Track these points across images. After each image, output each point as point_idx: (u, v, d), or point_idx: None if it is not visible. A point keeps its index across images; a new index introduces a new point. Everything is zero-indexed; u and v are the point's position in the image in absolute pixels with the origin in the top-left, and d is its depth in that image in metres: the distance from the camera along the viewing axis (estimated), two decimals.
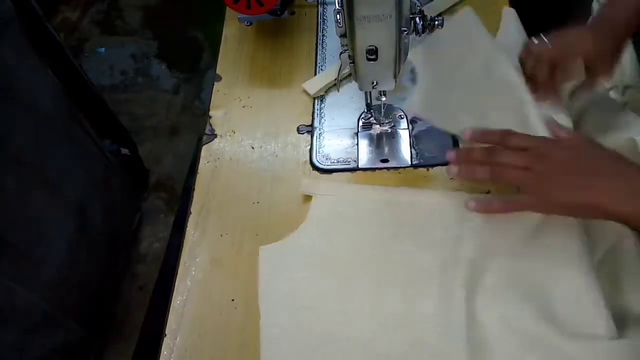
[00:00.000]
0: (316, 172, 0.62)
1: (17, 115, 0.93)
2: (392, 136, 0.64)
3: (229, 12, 0.77)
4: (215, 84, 0.71)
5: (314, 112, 0.67)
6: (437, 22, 0.52)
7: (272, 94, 0.70)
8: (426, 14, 0.51)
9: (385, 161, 0.62)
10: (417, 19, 0.51)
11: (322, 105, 0.68)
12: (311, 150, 0.64)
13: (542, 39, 0.60)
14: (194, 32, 1.93)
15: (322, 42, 0.74)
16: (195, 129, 1.67)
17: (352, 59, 0.53)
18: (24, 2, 0.96)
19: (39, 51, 1.01)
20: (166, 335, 0.52)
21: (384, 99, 0.60)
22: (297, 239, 0.56)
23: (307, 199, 0.59)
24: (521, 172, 0.50)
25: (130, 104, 1.76)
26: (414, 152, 0.62)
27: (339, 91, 0.61)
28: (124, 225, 1.41)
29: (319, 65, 0.72)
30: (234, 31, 0.77)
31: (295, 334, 0.50)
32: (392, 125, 0.65)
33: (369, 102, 0.63)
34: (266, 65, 0.73)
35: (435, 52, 0.63)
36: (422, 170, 0.61)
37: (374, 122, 0.65)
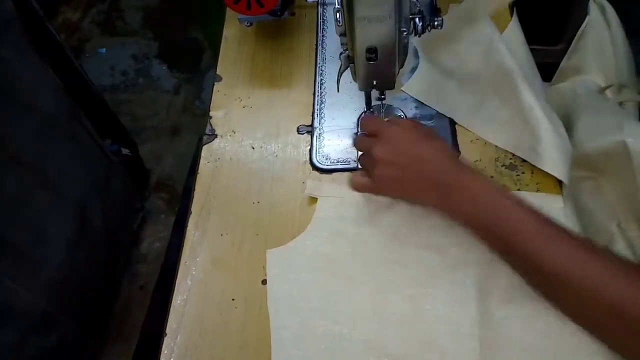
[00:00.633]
0: (316, 172, 0.62)
1: (17, 115, 0.94)
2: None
3: (229, 12, 0.77)
4: (215, 84, 0.71)
5: (314, 112, 0.67)
6: (436, 22, 0.52)
7: (273, 94, 0.70)
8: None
9: None
10: (417, 19, 0.51)
11: (322, 105, 0.68)
12: (311, 150, 0.64)
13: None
14: (195, 33, 1.93)
15: (322, 42, 0.75)
16: (195, 129, 1.67)
17: (352, 59, 0.53)
18: (24, 3, 0.96)
19: (39, 51, 1.01)
20: (166, 334, 0.52)
21: (384, 99, 0.60)
22: (302, 241, 0.56)
23: (309, 200, 0.60)
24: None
25: (130, 104, 1.76)
26: None
27: (338, 91, 0.61)
28: (125, 225, 1.41)
29: (319, 65, 0.72)
30: (234, 32, 0.77)
31: (304, 337, 0.50)
32: None
33: (369, 102, 0.63)
34: (266, 65, 0.73)
35: (438, 37, 0.64)
36: None
37: None
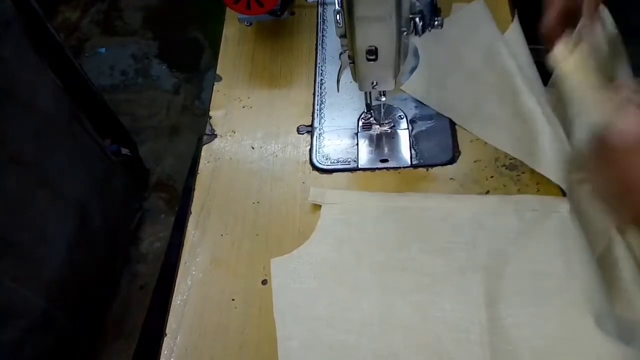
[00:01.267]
0: (316, 172, 0.62)
1: (17, 115, 0.94)
2: (392, 136, 0.64)
3: (229, 12, 0.77)
4: (215, 84, 0.71)
5: (314, 112, 0.67)
6: (436, 22, 0.52)
7: (272, 94, 0.70)
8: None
9: (385, 161, 0.62)
10: (417, 19, 0.51)
11: (322, 105, 0.68)
12: (311, 150, 0.64)
13: None
14: (194, 33, 1.93)
15: (322, 42, 0.75)
16: (195, 129, 1.67)
17: (352, 59, 0.53)
18: (24, 3, 0.96)
19: (39, 51, 1.01)
20: (166, 334, 0.52)
21: (383, 99, 0.60)
22: (307, 249, 0.56)
23: (310, 203, 0.60)
24: None
25: (130, 104, 1.76)
26: (413, 152, 0.63)
27: (338, 91, 0.62)
28: (125, 225, 1.41)
29: (319, 65, 0.72)
30: (234, 31, 0.77)
31: (311, 346, 0.50)
32: (392, 125, 0.65)
33: (369, 102, 0.63)
34: (266, 65, 0.73)
35: (440, 37, 0.64)
36: (422, 170, 0.61)
37: (374, 122, 0.65)
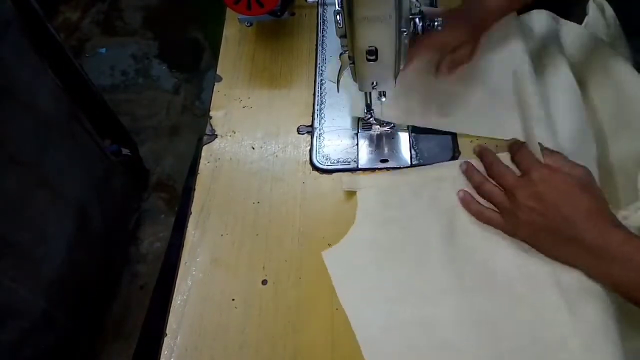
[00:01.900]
0: (316, 173, 0.62)
1: (17, 115, 0.94)
2: (392, 136, 0.64)
3: (229, 12, 0.77)
4: (215, 84, 0.71)
5: (314, 113, 0.67)
6: (436, 23, 0.52)
7: (273, 94, 0.70)
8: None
9: (385, 161, 0.62)
10: (417, 20, 0.51)
11: (322, 105, 0.68)
12: (311, 150, 0.64)
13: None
14: (195, 33, 1.93)
15: (322, 42, 0.75)
16: (195, 129, 1.67)
17: (352, 60, 0.53)
18: (24, 3, 0.96)
19: (39, 51, 1.01)
20: (167, 334, 0.52)
21: (383, 99, 0.60)
22: (355, 235, 0.56)
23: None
24: (494, 214, 0.54)
25: (130, 104, 1.76)
26: (413, 152, 0.63)
27: (338, 92, 0.62)
28: (124, 225, 1.41)
29: (319, 65, 0.72)
30: (234, 32, 0.77)
31: (391, 327, 0.50)
32: (392, 125, 0.65)
33: (369, 102, 0.63)
34: (266, 65, 0.73)
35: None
36: None
37: (374, 122, 0.65)
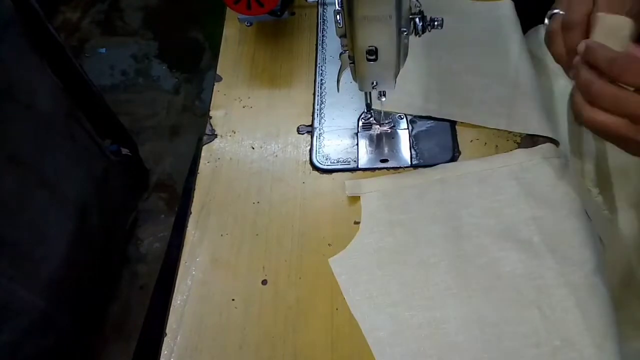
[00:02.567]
0: (316, 173, 0.62)
1: (16, 115, 0.94)
2: (392, 136, 0.64)
3: (229, 12, 0.77)
4: (215, 84, 0.71)
5: (314, 113, 0.67)
6: (436, 23, 0.52)
7: (272, 94, 0.70)
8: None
9: (385, 161, 0.62)
10: (417, 19, 0.51)
11: (322, 105, 0.68)
12: (311, 150, 0.64)
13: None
14: (194, 33, 1.93)
15: (322, 42, 0.75)
16: (195, 129, 1.67)
17: (352, 60, 0.53)
18: (24, 3, 0.96)
19: (39, 51, 1.01)
20: (166, 334, 0.52)
21: (383, 99, 0.60)
22: (360, 240, 0.56)
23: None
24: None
25: (130, 104, 1.76)
26: (413, 152, 0.63)
27: (338, 91, 0.62)
28: (124, 225, 1.41)
29: (319, 65, 0.72)
30: (234, 32, 0.77)
31: (400, 331, 0.50)
32: (392, 125, 0.65)
33: (369, 102, 0.63)
34: (266, 65, 0.73)
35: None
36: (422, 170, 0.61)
37: (374, 122, 0.65)
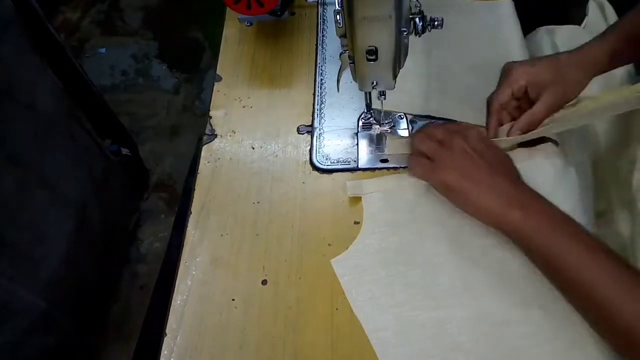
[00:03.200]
0: (316, 172, 0.62)
1: (17, 115, 0.94)
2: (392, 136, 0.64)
3: (229, 12, 0.77)
4: (215, 84, 0.71)
5: (314, 112, 0.67)
6: (436, 23, 0.52)
7: (272, 94, 0.70)
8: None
9: (385, 161, 0.62)
10: (417, 20, 0.51)
11: (322, 105, 0.68)
12: (311, 150, 0.64)
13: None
14: (195, 33, 1.93)
15: (322, 42, 0.75)
16: (195, 129, 1.67)
17: (352, 60, 0.53)
18: (24, 2, 0.96)
19: (39, 51, 1.01)
20: (166, 334, 0.52)
21: (383, 99, 0.60)
22: (363, 241, 0.56)
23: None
24: (436, 144, 0.56)
25: (130, 104, 1.76)
26: None
27: (338, 91, 0.62)
28: (124, 225, 1.41)
29: (319, 65, 0.72)
30: (234, 32, 0.77)
31: (404, 331, 0.50)
32: (392, 125, 0.65)
33: (369, 102, 0.63)
34: (266, 65, 0.73)
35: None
36: None
37: (374, 122, 0.65)
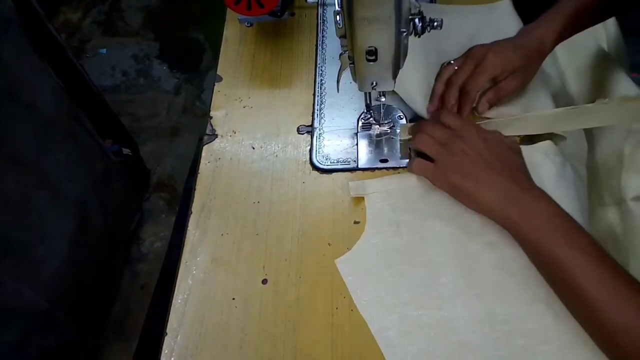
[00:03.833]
0: (316, 172, 0.62)
1: (17, 115, 0.94)
2: (391, 136, 0.65)
3: (230, 13, 0.77)
4: (215, 84, 0.72)
5: (314, 113, 0.68)
6: (436, 23, 0.52)
7: (273, 94, 0.70)
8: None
9: (384, 161, 0.62)
10: (417, 20, 0.51)
11: (322, 105, 0.68)
12: (311, 150, 0.64)
13: (451, 62, 0.63)
14: (195, 33, 1.94)
15: (322, 43, 0.75)
16: (196, 129, 1.68)
17: (352, 60, 0.53)
18: (25, 3, 0.96)
19: (40, 52, 1.01)
20: (167, 334, 0.52)
21: (383, 99, 0.60)
22: (367, 241, 0.56)
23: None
24: (438, 146, 0.56)
25: (131, 104, 1.76)
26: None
27: (338, 92, 0.62)
28: (125, 225, 1.41)
29: (319, 65, 0.72)
30: (234, 32, 0.77)
31: (409, 331, 0.50)
32: (392, 125, 0.65)
33: (369, 102, 0.63)
34: (266, 66, 0.73)
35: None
36: None
37: (374, 122, 0.65)
